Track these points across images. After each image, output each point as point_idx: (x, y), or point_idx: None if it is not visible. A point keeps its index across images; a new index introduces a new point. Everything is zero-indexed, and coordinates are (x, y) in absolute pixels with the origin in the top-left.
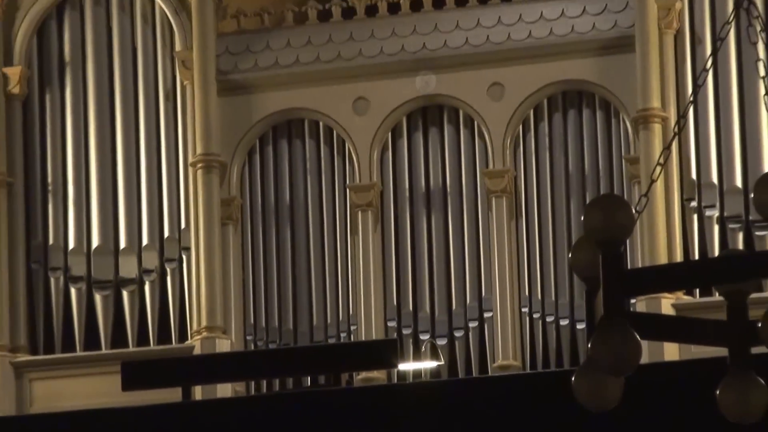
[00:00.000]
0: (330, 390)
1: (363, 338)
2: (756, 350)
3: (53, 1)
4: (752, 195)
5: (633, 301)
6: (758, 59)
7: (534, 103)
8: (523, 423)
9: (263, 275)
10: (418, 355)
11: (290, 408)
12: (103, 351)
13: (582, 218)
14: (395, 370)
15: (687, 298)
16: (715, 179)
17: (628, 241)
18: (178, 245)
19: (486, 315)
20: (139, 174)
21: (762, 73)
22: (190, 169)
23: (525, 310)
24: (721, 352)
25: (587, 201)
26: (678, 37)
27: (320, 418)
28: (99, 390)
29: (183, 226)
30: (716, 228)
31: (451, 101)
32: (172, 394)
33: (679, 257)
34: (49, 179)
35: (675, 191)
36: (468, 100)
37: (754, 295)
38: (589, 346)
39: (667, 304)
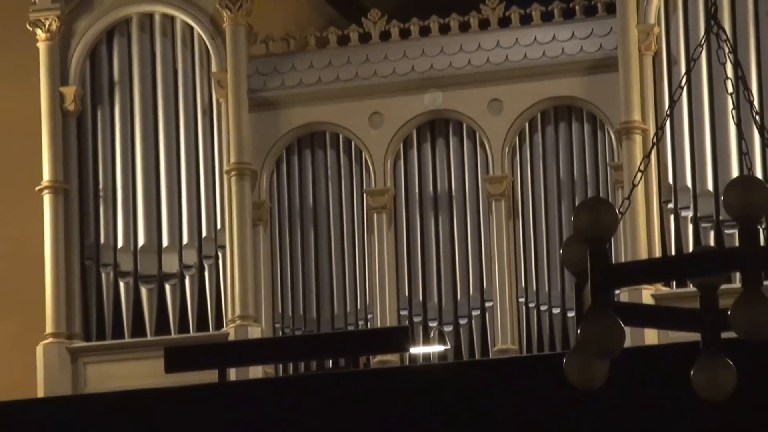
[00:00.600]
0: (349, 371)
1: (378, 325)
2: (725, 335)
3: (103, 27)
4: (722, 198)
5: (617, 292)
6: (726, 77)
7: (529, 117)
8: (520, 400)
9: (290, 270)
10: (427, 340)
11: (314, 387)
12: (148, 338)
13: (572, 218)
14: (407, 353)
15: (665, 289)
16: (689, 184)
17: (612, 238)
18: (214, 244)
19: (487, 305)
20: (179, 181)
21: (730, 89)
22: (225, 176)
23: (522, 300)
24: (695, 337)
25: (576, 203)
26: (656, 58)
27: (341, 396)
28: (144, 372)
29: (219, 226)
30: (690, 227)
31: (456, 115)
32: (209, 376)
33: (657, 253)
34: (101, 185)
35: (654, 194)
36: (470, 114)
37: (723, 287)
38: (579, 332)
39: (647, 294)
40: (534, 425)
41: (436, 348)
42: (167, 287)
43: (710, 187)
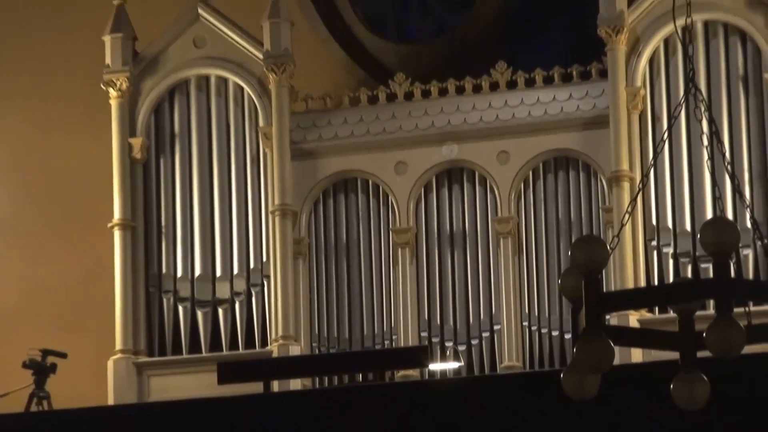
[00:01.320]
0: (376, 384)
1: (401, 345)
2: (701, 354)
3: (166, 87)
4: (699, 236)
5: (607, 317)
6: (702, 133)
7: (532, 166)
8: (523, 410)
9: (325, 296)
10: (443, 358)
11: (345, 398)
12: (203, 354)
13: (569, 253)
14: (426, 369)
15: (648, 315)
16: (670, 224)
17: (603, 271)
18: (260, 274)
19: (495, 327)
20: (230, 219)
21: (705, 143)
22: (270, 216)
23: (525, 324)
24: (674, 356)
25: (573, 240)
26: (642, 116)
27: (368, 406)
28: (200, 384)
29: (264, 259)
30: (671, 262)
31: (469, 165)
32: (255, 387)
33: (642, 283)
34: (163, 223)
35: (639, 233)
36: (482, 163)
37: (699, 313)
38: (575, 351)
39: (633, 319)
40: (536, 427)
41: (451, 365)
42: (220, 311)
43: (688, 227)
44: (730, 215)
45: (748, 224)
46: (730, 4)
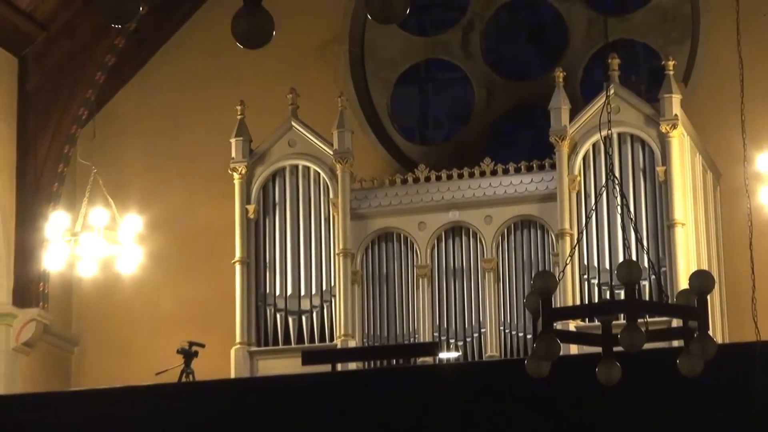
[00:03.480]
0: (404, 367)
1: (421, 341)
2: (616, 349)
3: (270, 172)
4: (615, 272)
5: (555, 324)
6: (617, 205)
7: (507, 225)
8: (499, 385)
9: (371, 308)
10: (448, 350)
11: (385, 376)
12: (292, 345)
13: (531, 282)
14: (437, 357)
15: (582, 323)
16: (596, 264)
17: (553, 295)
18: (330, 294)
19: (482, 330)
20: (311, 258)
21: (619, 211)
22: (336, 256)
23: (502, 328)
24: (598, 350)
25: (533, 275)
26: (578, 193)
27: (399, 381)
28: (290, 365)
29: (332, 284)
30: (596, 289)
31: (465, 224)
32: (325, 368)
33: (578, 302)
34: (267, 260)
35: (576, 270)
36: (474, 223)
37: (615, 322)
38: (534, 346)
39: (572, 326)
40: (509, 396)
41: (453, 354)
42: (303, 318)
43: (607, 266)
44: (635, 258)
45: (646, 264)
46: (635, 122)
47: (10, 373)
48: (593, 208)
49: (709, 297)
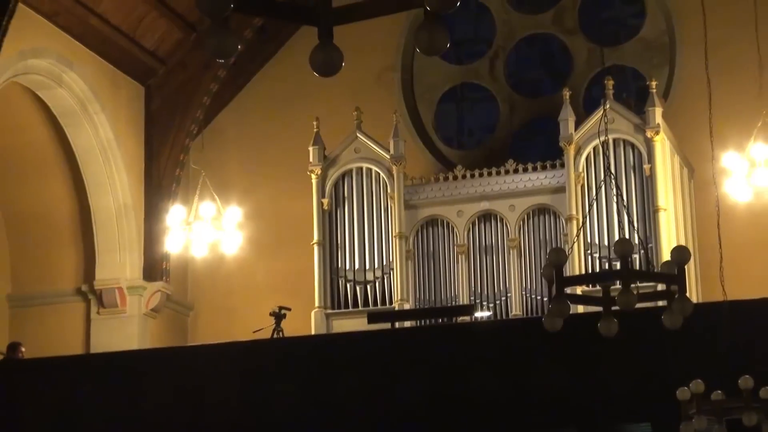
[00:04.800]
0: (448, 324)
1: (460, 303)
2: (615, 308)
3: (340, 173)
4: (613, 247)
5: (566, 289)
6: (615, 194)
7: (527, 212)
8: (522, 337)
9: (422, 278)
10: (481, 310)
11: (433, 331)
12: (360, 308)
13: (547, 256)
14: (473, 316)
15: (587, 288)
16: (597, 242)
17: (564, 266)
18: (389, 267)
19: (509, 294)
20: (374, 239)
21: (615, 200)
22: (393, 238)
23: (524, 293)
24: (599, 309)
25: (548, 250)
26: (582, 187)
27: (443, 335)
28: (358, 324)
29: (390, 259)
30: (598, 262)
31: (494, 212)
32: (385, 326)
33: (583, 272)
34: (338, 242)
35: (582, 247)
36: (501, 211)
37: (613, 287)
38: (549, 306)
39: (579, 290)
40: (530, 347)
41: (485, 314)
42: (368, 286)
43: (606, 243)
44: (627, 236)
45: (636, 241)
46: (626, 129)
47: (141, 332)
48: (594, 197)
49: (686, 267)
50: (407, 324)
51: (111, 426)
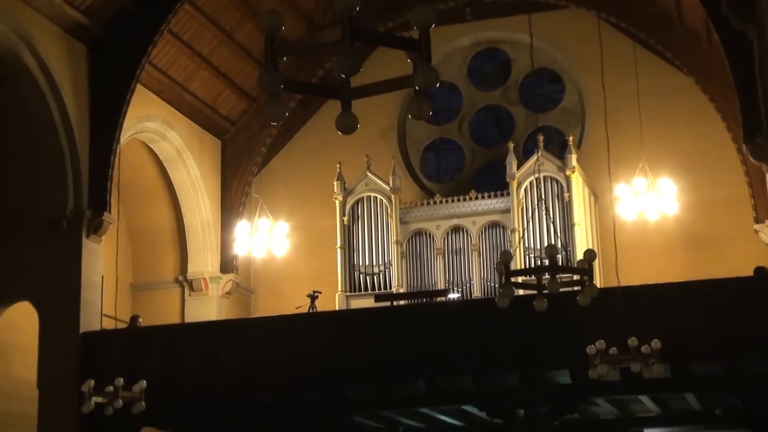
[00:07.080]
0: (430, 303)
1: (438, 288)
2: (545, 292)
3: (356, 199)
4: (544, 250)
5: (512, 279)
6: (544, 214)
7: (484, 226)
8: (480, 314)
9: (412, 271)
10: (453, 293)
11: (420, 309)
12: (369, 292)
13: (498, 256)
14: (447, 297)
15: (526, 278)
16: (532, 246)
17: (510, 263)
18: (389, 263)
19: (472, 282)
20: (379, 244)
21: (545, 218)
22: (393, 244)
23: (483, 281)
24: (534, 292)
25: (500, 252)
26: (522, 208)
27: (427, 310)
28: (368, 302)
29: (390, 258)
30: (533, 260)
31: (462, 225)
32: (386, 303)
33: (524, 267)
34: (354, 246)
35: (522, 250)
36: (467, 225)
37: (544, 277)
38: (500, 290)
39: (520, 279)
40: (487, 319)
41: (456, 295)
42: (375, 277)
43: (539, 247)
44: (553, 242)
45: (560, 246)
46: (552, 170)
47: (219, 309)
48: (530, 216)
49: (593, 263)
50: (402, 302)
51: (199, 373)
